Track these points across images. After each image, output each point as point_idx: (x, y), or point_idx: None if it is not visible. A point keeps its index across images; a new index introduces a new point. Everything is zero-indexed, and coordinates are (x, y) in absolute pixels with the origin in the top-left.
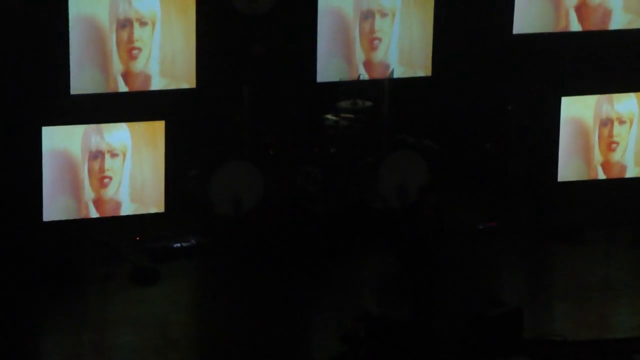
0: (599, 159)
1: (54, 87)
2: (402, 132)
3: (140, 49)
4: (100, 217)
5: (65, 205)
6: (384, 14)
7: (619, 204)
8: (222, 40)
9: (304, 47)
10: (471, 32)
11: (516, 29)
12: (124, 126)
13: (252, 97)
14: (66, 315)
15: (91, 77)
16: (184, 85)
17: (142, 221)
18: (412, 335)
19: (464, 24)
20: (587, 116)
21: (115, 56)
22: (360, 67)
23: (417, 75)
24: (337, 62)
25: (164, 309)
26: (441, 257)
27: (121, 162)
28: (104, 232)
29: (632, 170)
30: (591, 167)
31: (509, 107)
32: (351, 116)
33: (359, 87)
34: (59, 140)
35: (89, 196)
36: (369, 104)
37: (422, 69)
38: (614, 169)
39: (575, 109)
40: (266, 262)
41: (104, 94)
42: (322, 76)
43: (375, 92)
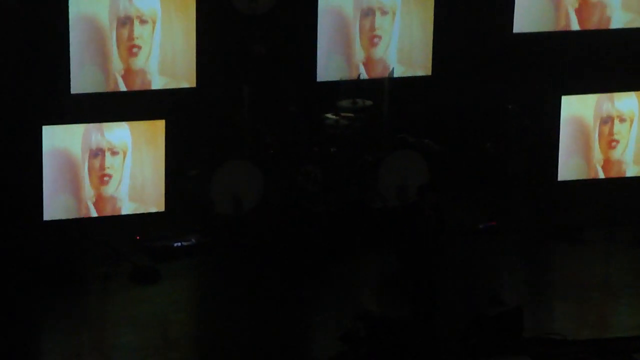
0: (599, 157)
1: (55, 87)
2: (402, 132)
3: (140, 47)
4: (100, 217)
5: (65, 204)
6: (384, 11)
7: (619, 203)
8: (222, 39)
9: (304, 47)
10: (471, 32)
11: (516, 28)
12: (124, 124)
13: (252, 96)
14: (66, 314)
15: (91, 76)
16: (184, 84)
17: (143, 220)
18: (412, 334)
19: (464, 23)
20: (587, 115)
21: (115, 54)
22: (360, 66)
23: (417, 74)
24: (337, 62)
25: (164, 308)
26: (441, 257)
27: (121, 160)
28: (104, 232)
29: (632, 169)
30: (591, 166)
31: (509, 106)
32: (351, 115)
33: (359, 86)
34: (59, 139)
35: (89, 194)
36: (369, 103)
37: (422, 68)
38: (614, 168)
39: (575, 108)
40: (266, 262)
41: (104, 93)
42: (322, 75)
43: (375, 92)
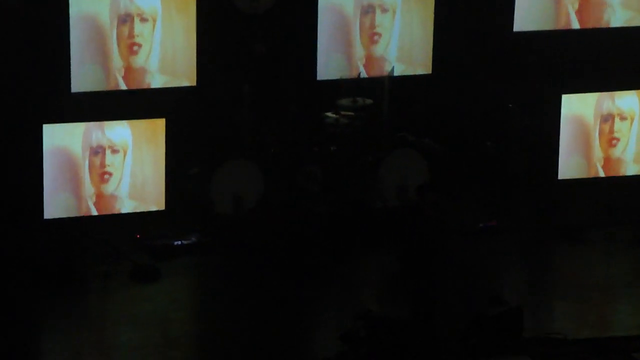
0: (599, 156)
1: (55, 85)
2: (402, 131)
3: (140, 45)
4: (100, 215)
5: (66, 202)
6: (384, 9)
7: (620, 203)
8: (222, 38)
9: (304, 45)
10: (471, 30)
11: (517, 27)
12: (124, 123)
13: (252, 95)
14: (67, 313)
15: (92, 74)
16: (185, 83)
17: (143, 219)
18: (413, 334)
19: (465, 21)
20: (588, 114)
21: (115, 52)
22: (360, 65)
23: (418, 73)
24: (338, 60)
25: (164, 306)
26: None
27: (122, 158)
28: (105, 230)
29: (632, 167)
30: (592, 165)
31: (509, 105)
32: (351, 114)
33: (359, 85)
34: (59, 138)
35: (90, 193)
36: (369, 101)
37: (423, 66)
38: (615, 166)
39: (575, 107)
40: (266, 261)
41: (105, 91)
42: (323, 74)
43: (375, 90)
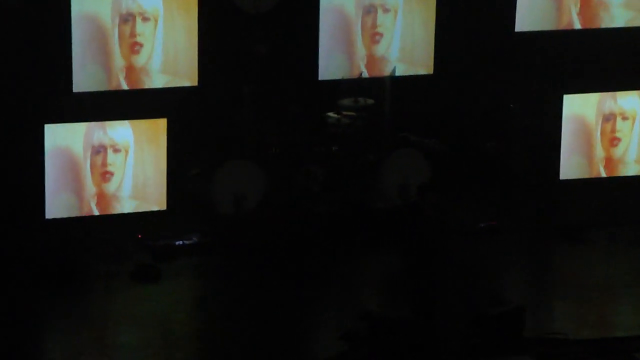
0: (601, 155)
1: (57, 85)
2: (403, 131)
3: (142, 44)
4: (102, 215)
5: (67, 202)
6: (386, 9)
7: (621, 203)
8: (224, 38)
9: (306, 45)
10: (473, 30)
11: (518, 27)
12: (126, 123)
13: (253, 95)
14: (68, 313)
15: (93, 74)
16: (186, 83)
17: (144, 219)
18: (414, 334)
19: (466, 22)
20: (589, 114)
21: (117, 51)
22: (362, 65)
23: (419, 73)
24: (339, 60)
25: (165, 307)
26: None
27: (123, 158)
28: (106, 230)
29: (634, 167)
30: (593, 165)
31: (510, 105)
32: (353, 114)
33: (360, 85)
34: (61, 137)
35: (91, 192)
36: (370, 101)
37: (424, 67)
38: (616, 166)
39: (577, 107)
40: (267, 261)
41: (106, 91)
42: (324, 74)
43: (377, 90)
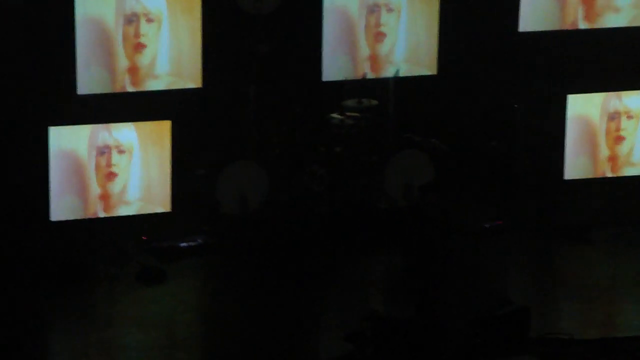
0: (605, 154)
1: (61, 87)
2: (407, 131)
3: (145, 45)
4: (107, 217)
5: (72, 204)
6: (390, 9)
7: (626, 202)
8: (228, 39)
9: (309, 46)
10: (477, 31)
11: (522, 27)
12: (130, 125)
13: (257, 96)
14: (73, 315)
15: (98, 76)
16: (190, 84)
17: (149, 221)
18: (419, 334)
19: (470, 22)
20: (594, 114)
21: (121, 52)
22: (365, 65)
23: (423, 73)
24: (343, 61)
25: (170, 308)
26: (447, 256)
27: (128, 159)
28: (111, 232)
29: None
30: (598, 165)
31: (514, 105)
32: (357, 115)
33: (364, 85)
34: (66, 140)
35: (96, 194)
36: (374, 102)
37: (428, 67)
38: (621, 165)
39: (581, 107)
40: (272, 262)
41: (111, 93)
42: (328, 75)
43: (380, 91)
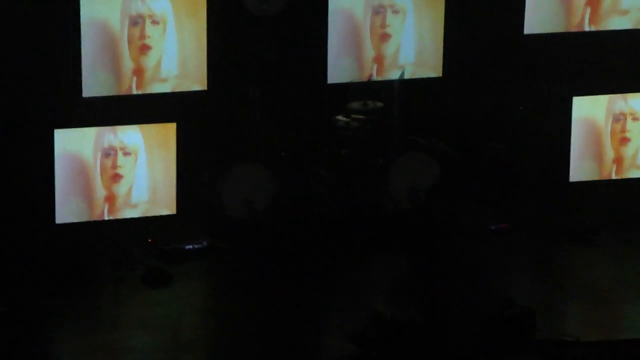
0: (610, 155)
1: (66, 90)
2: (413, 133)
3: (150, 47)
4: (112, 219)
5: (77, 207)
6: (395, 10)
7: (632, 205)
8: (233, 41)
9: (315, 49)
10: (482, 33)
11: (527, 29)
12: (135, 127)
13: (262, 98)
14: (79, 317)
15: (103, 79)
16: (196, 87)
17: (154, 223)
18: (424, 336)
19: (475, 24)
20: (599, 116)
21: (126, 54)
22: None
23: (428, 75)
24: (348, 63)
25: (176, 310)
26: (453, 258)
27: (133, 161)
28: (116, 234)
29: None
30: (603, 167)
31: (520, 107)
32: (362, 117)
33: (369, 87)
34: (71, 142)
35: (101, 196)
36: (379, 104)
37: (433, 69)
38: (626, 167)
39: (586, 109)
40: (277, 264)
41: (116, 96)
42: (333, 77)
43: (386, 93)
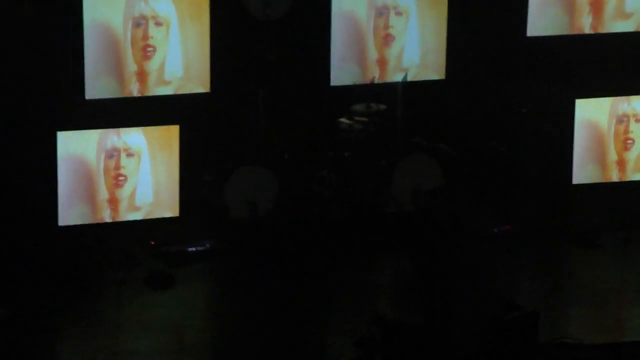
0: (613, 158)
1: (69, 92)
2: (416, 136)
3: (154, 48)
4: (115, 222)
5: (80, 209)
6: (398, 12)
7: (635, 207)
8: (236, 44)
9: (318, 51)
10: (485, 35)
11: (530, 32)
12: (138, 129)
13: (266, 101)
14: (81, 319)
15: (106, 81)
16: (199, 89)
17: (157, 225)
18: (428, 339)
19: (478, 26)
20: (602, 118)
21: (129, 55)
22: (374, 70)
23: (431, 78)
24: (351, 66)
25: (178, 313)
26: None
27: (136, 163)
28: (119, 237)
29: None
30: (606, 169)
31: (523, 109)
32: (365, 119)
33: (372, 90)
34: (74, 145)
35: (104, 198)
36: (383, 107)
37: (436, 71)
38: (629, 169)
39: (589, 112)
40: (281, 267)
41: (119, 98)
42: (336, 80)
43: (389, 95)
